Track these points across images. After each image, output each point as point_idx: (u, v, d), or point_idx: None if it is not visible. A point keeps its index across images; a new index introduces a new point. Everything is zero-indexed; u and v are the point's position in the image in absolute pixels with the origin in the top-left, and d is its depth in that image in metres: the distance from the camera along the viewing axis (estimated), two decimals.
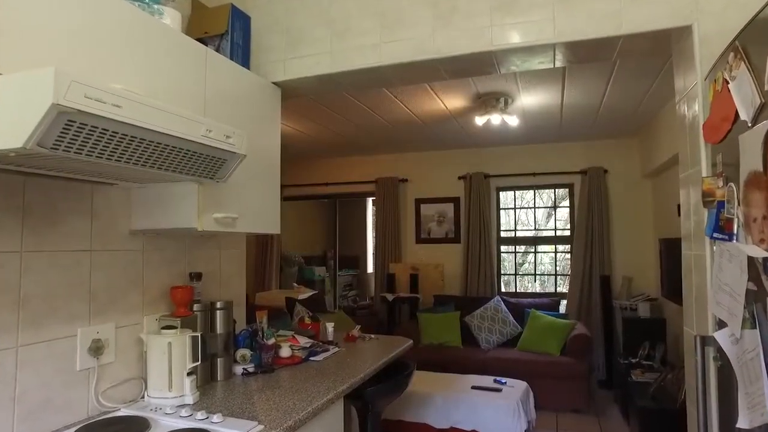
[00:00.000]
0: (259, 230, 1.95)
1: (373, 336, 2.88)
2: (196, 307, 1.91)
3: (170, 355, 1.64)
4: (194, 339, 1.70)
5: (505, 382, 3.70)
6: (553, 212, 5.73)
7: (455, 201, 5.85)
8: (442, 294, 5.57)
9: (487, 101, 3.82)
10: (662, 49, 1.74)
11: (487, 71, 1.96)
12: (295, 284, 6.11)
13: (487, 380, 3.78)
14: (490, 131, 4.91)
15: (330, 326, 2.76)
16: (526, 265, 6.11)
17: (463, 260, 5.66)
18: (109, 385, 1.59)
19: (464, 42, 1.78)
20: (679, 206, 4.00)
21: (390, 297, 5.33)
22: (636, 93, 3.68)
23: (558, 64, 1.86)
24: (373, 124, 4.65)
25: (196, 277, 1.97)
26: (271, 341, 2.21)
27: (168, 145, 1.28)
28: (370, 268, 8.40)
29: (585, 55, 1.76)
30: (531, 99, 3.87)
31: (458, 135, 5.10)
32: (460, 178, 5.81)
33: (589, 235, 5.25)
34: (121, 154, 1.18)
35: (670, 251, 4.04)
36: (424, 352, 4.62)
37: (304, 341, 2.43)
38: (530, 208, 5.97)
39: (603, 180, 5.27)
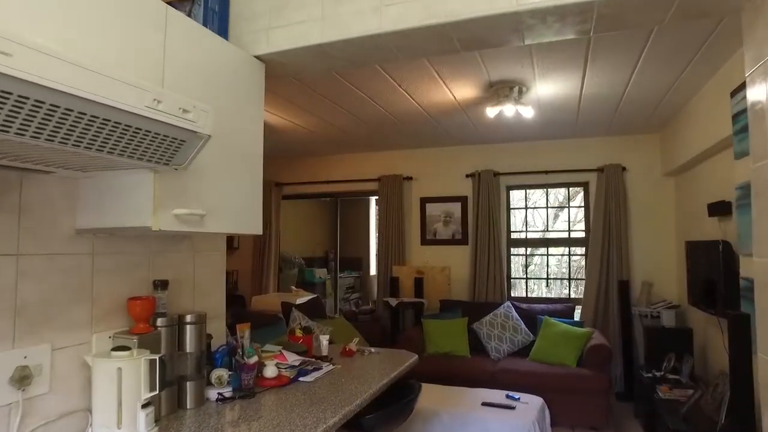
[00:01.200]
0: (236, 230, 1.64)
1: (373, 350, 2.57)
2: (160, 321, 1.60)
3: (120, 383, 1.33)
4: (151, 363, 1.39)
5: (519, 398, 3.37)
6: (567, 212, 5.39)
7: (463, 200, 5.52)
8: (449, 299, 5.25)
9: (499, 90, 3.50)
10: (728, 5, 1.41)
11: (508, 40, 1.63)
12: (293, 287, 5.80)
13: (499, 395, 3.46)
14: (500, 126, 4.59)
15: (324, 339, 2.44)
16: (532, 267, 5.77)
17: (470, 263, 5.34)
18: (41, 422, 1.28)
19: (482, 2, 1.46)
20: (709, 206, 3.69)
21: (393, 302, 5.01)
22: (664, 80, 3.34)
23: (597, 29, 1.54)
24: (375, 117, 4.34)
25: (162, 285, 1.66)
26: (253, 360, 1.89)
27: (99, 118, 0.97)
28: (373, 270, 8.10)
29: (633, 15, 1.44)
30: (548, 88, 3.54)
31: (466, 129, 4.78)
32: (468, 176, 5.48)
33: (606, 237, 4.91)
34: (23, 125, 0.86)
35: (697, 255, 3.70)
36: (429, 363, 4.29)
37: (293, 358, 2.11)
38: (542, 207, 5.64)
39: (621, 178, 4.93)
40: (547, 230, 5.48)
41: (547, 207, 5.54)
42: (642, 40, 2.70)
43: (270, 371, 1.95)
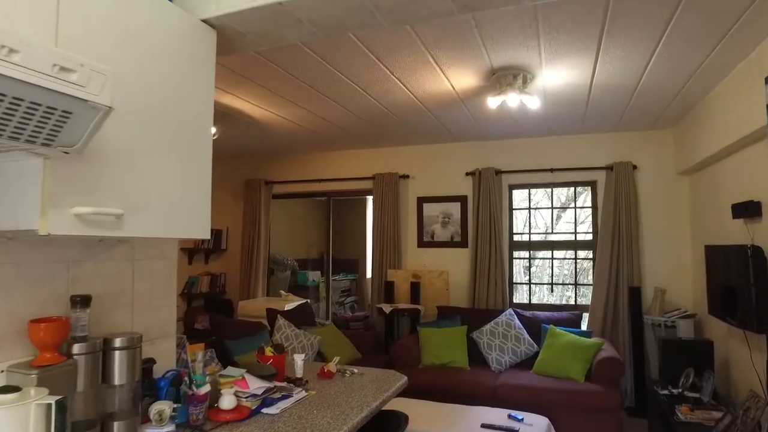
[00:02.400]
0: (171, 233, 1.31)
1: (356, 370, 2.24)
2: (77, 348, 1.28)
3: None
4: (47, 409, 1.06)
5: (522, 419, 3.05)
6: (574, 213, 5.06)
7: (462, 200, 5.19)
8: (447, 305, 4.92)
9: (502, 78, 3.17)
10: None
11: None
12: (281, 291, 5.47)
13: (500, 415, 3.13)
14: (502, 120, 4.26)
15: (299, 359, 2.11)
16: (534, 269, 5.44)
17: (470, 267, 5.01)
18: None
19: None
20: (733, 207, 3.35)
21: (387, 308, 4.68)
22: (686, 66, 3.01)
23: None
24: (367, 110, 4.01)
25: (82, 302, 1.33)
26: (204, 389, 1.57)
27: None
28: (369, 273, 7.77)
29: None
30: (555, 76, 3.21)
31: (466, 124, 4.45)
32: (468, 174, 5.15)
33: (615, 240, 4.58)
34: None
35: (719, 261, 3.37)
36: (424, 375, 3.97)
37: (256, 385, 1.78)
38: (547, 208, 5.30)
39: (631, 177, 4.60)
40: (552, 232, 5.14)
41: (552, 207, 5.20)
42: (666, 17, 2.37)
43: (226, 402, 1.62)
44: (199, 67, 1.42)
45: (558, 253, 5.08)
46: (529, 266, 5.19)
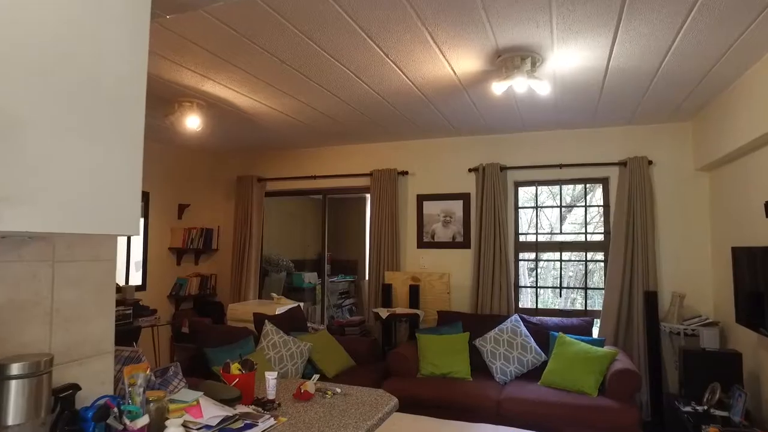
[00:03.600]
0: (75, 227, 1.01)
1: (338, 389, 1.94)
2: None
3: None
4: None
5: None
6: (584, 212, 4.74)
7: (465, 198, 4.88)
8: (448, 310, 4.61)
9: (508, 60, 2.86)
10: None
11: None
12: (273, 294, 5.17)
13: None
14: (508, 111, 3.95)
15: (271, 378, 1.80)
16: (538, 270, 5.13)
17: (473, 269, 4.69)
18: None
19: None
20: (767, 205, 3.02)
21: (384, 313, 4.37)
22: (713, 48, 2.70)
23: None
24: (361, 98, 3.71)
25: None
26: (141, 422, 1.27)
27: None
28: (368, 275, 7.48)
29: None
30: (567, 58, 2.90)
31: (469, 116, 4.14)
32: (471, 170, 4.84)
33: (630, 241, 4.26)
34: None
35: (748, 264, 3.05)
36: (422, 386, 3.65)
37: (212, 413, 1.48)
38: (555, 206, 4.98)
39: (646, 173, 4.28)
40: (561, 232, 4.82)
41: (560, 206, 4.88)
42: (690, 2, 2.06)
43: None
44: (124, 13, 1.12)
45: (564, 255, 4.76)
46: (536, 268, 4.87)
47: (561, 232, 4.84)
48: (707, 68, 2.99)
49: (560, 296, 5.04)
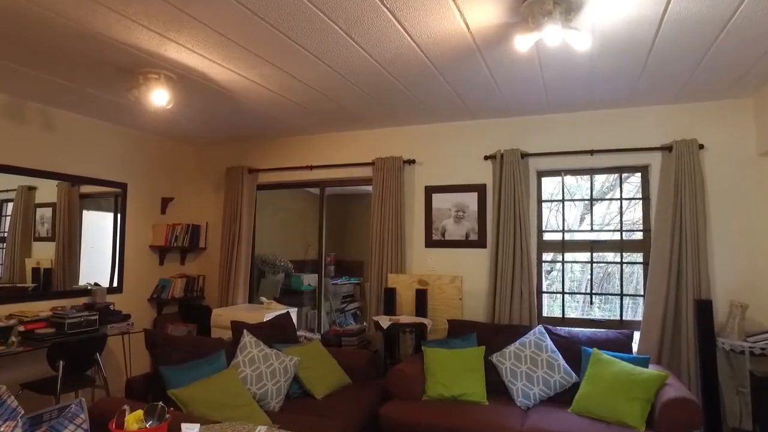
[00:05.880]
0: None
1: None
2: None
3: None
4: None
5: None
6: (620, 205, 4.07)
7: (480, 189, 4.26)
8: (460, 319, 3.99)
9: (535, 6, 2.23)
10: None
11: None
12: (263, 298, 4.59)
13: None
14: (531, 83, 3.32)
15: (192, 430, 1.21)
16: (555, 273, 4.47)
17: (490, 272, 4.06)
18: None
19: None
20: None
21: (385, 322, 3.76)
22: None
23: None
24: (356, 68, 3.11)
25: None
26: None
27: None
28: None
29: None
30: (611, 3, 2.26)
31: (484, 89, 3.51)
32: (487, 158, 4.21)
33: (676, 240, 3.59)
34: None
35: None
36: (427, 412, 3.03)
37: None
38: (586, 200, 4.32)
39: (696, 159, 3.60)
40: (592, 229, 4.16)
41: (591, 200, 4.21)
42: None
43: None
44: None
45: (582, 256, 4.11)
46: (563, 271, 4.21)
47: (592, 229, 4.18)
48: None
49: (591, 303, 4.37)
